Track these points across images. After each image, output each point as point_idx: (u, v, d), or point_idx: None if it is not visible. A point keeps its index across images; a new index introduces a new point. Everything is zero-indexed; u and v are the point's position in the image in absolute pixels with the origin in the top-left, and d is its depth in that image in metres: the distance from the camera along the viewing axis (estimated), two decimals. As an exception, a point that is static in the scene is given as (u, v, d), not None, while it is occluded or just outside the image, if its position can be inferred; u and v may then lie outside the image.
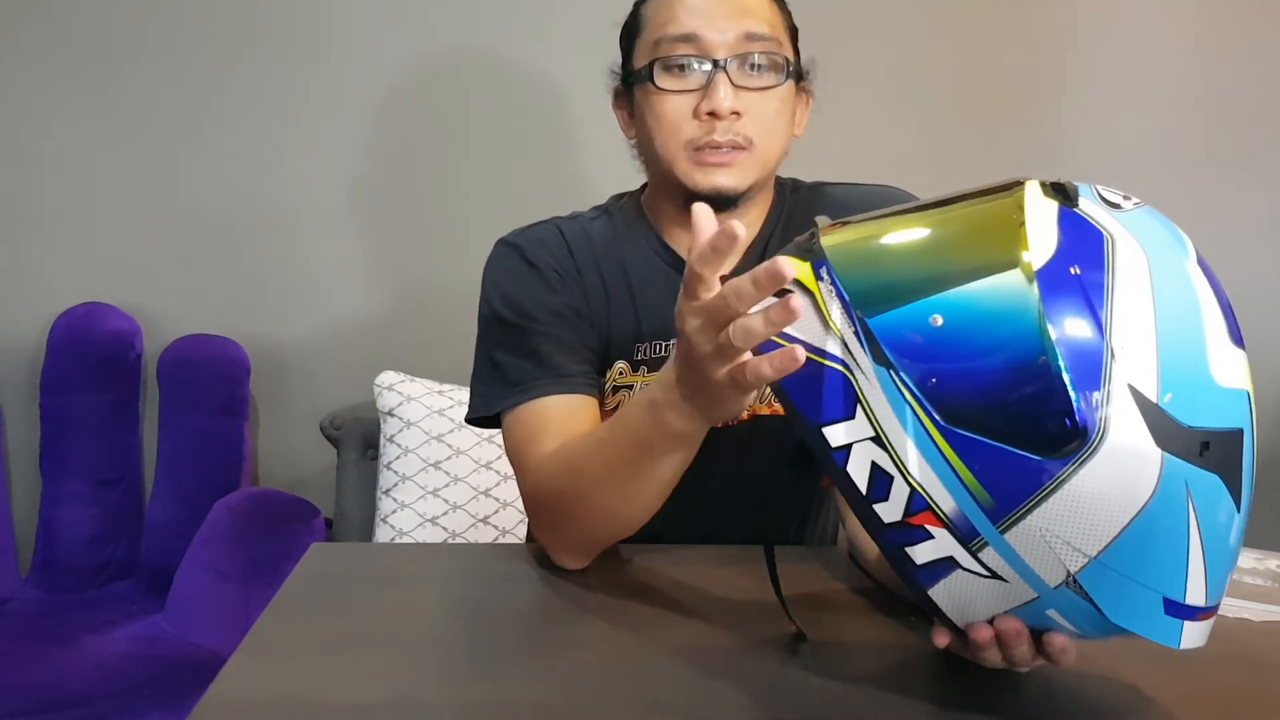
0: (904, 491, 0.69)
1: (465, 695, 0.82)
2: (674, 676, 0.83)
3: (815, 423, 0.72)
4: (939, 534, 0.69)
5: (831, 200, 1.21)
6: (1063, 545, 0.67)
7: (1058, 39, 2.15)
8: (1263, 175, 2.18)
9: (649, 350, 1.17)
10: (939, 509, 0.69)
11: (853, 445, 0.71)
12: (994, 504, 0.67)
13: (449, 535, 1.89)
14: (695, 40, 1.09)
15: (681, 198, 1.14)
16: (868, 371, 0.71)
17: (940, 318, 0.69)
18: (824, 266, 0.74)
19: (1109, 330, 0.67)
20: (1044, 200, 0.72)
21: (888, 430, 0.70)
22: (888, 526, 0.71)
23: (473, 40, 2.12)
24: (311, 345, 2.20)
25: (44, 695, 1.68)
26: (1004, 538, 0.68)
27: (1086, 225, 0.71)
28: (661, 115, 1.11)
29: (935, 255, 0.74)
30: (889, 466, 0.70)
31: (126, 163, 2.15)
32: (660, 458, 0.92)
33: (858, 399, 0.71)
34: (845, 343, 0.72)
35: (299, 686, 0.81)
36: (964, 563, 0.69)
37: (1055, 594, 0.69)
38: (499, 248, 1.19)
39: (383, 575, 1.07)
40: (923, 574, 0.71)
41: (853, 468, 0.71)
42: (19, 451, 2.19)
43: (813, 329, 0.73)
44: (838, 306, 0.73)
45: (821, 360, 0.72)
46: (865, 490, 0.71)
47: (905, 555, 0.71)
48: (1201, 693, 0.82)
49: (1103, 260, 0.69)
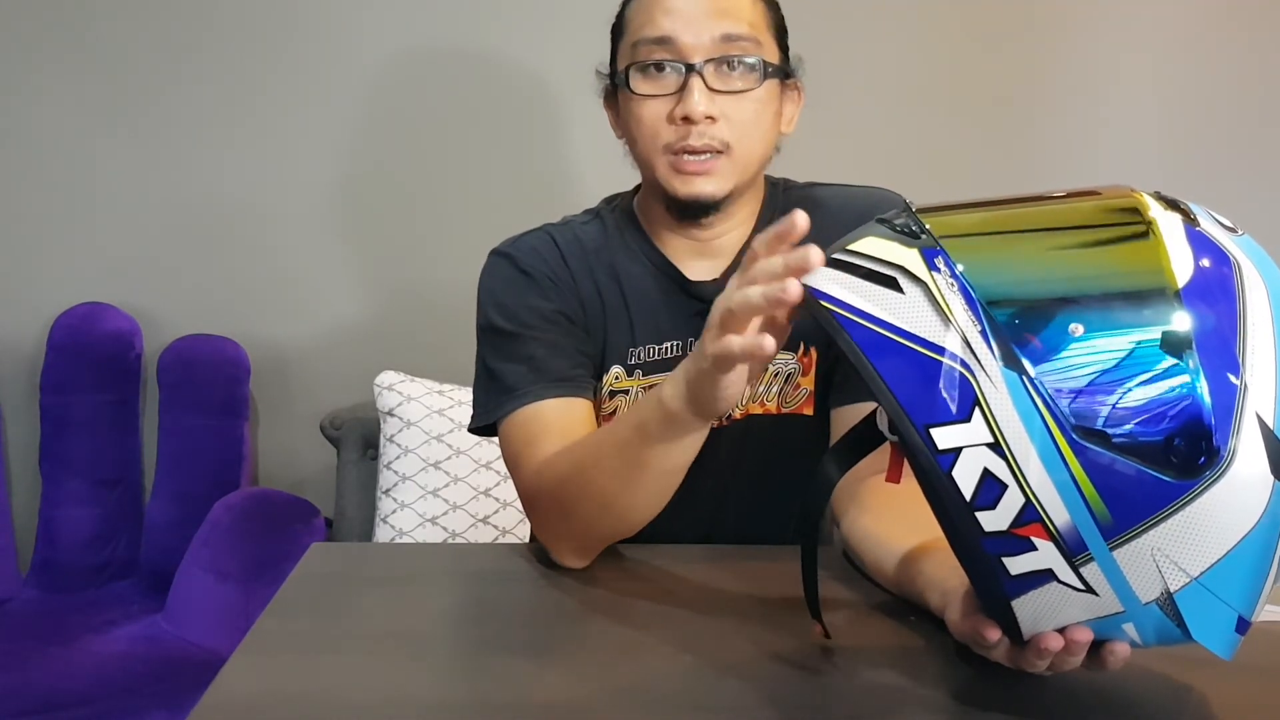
0: (1016, 502, 0.66)
1: (465, 695, 0.82)
2: (675, 676, 0.83)
3: (923, 422, 0.67)
4: (1044, 546, 0.66)
5: (823, 201, 1.21)
6: (1169, 565, 0.66)
7: (1056, 38, 2.15)
8: (1263, 175, 2.18)
9: (643, 354, 1.17)
10: (1050, 522, 0.66)
11: (963, 449, 0.66)
12: (1112, 521, 0.65)
13: (449, 535, 1.89)
14: (670, 43, 1.09)
15: (665, 202, 1.14)
16: (993, 374, 0.66)
17: (1081, 326, 0.66)
18: (939, 256, 0.70)
19: (1243, 358, 0.66)
20: (1168, 214, 0.71)
21: (1010, 438, 0.66)
22: (987, 535, 0.67)
23: (481, 36, 2.12)
24: (311, 345, 2.20)
25: (44, 695, 1.68)
26: (1112, 555, 0.66)
27: (1214, 248, 0.70)
28: (639, 120, 1.11)
29: (1068, 259, 0.70)
30: (1004, 475, 0.66)
31: (127, 163, 2.14)
32: (659, 444, 0.93)
33: (976, 402, 0.66)
34: (967, 341, 0.67)
35: (299, 686, 0.81)
36: (1062, 576, 0.67)
37: (1143, 610, 0.68)
38: (492, 258, 1.19)
39: (383, 575, 1.07)
40: (1012, 584, 0.68)
41: (959, 473, 0.67)
42: (19, 451, 2.19)
43: (928, 322, 0.68)
44: (960, 301, 0.68)
45: (936, 356, 0.68)
46: (970, 497, 0.67)
47: (999, 565, 0.68)
48: (1201, 692, 0.82)
49: (1233, 287, 0.68)
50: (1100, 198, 0.74)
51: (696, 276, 1.17)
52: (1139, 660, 0.84)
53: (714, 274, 1.17)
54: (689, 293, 1.17)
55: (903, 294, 0.70)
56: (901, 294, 0.70)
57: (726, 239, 1.17)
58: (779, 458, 1.17)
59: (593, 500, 1.00)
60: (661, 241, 1.19)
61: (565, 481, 1.02)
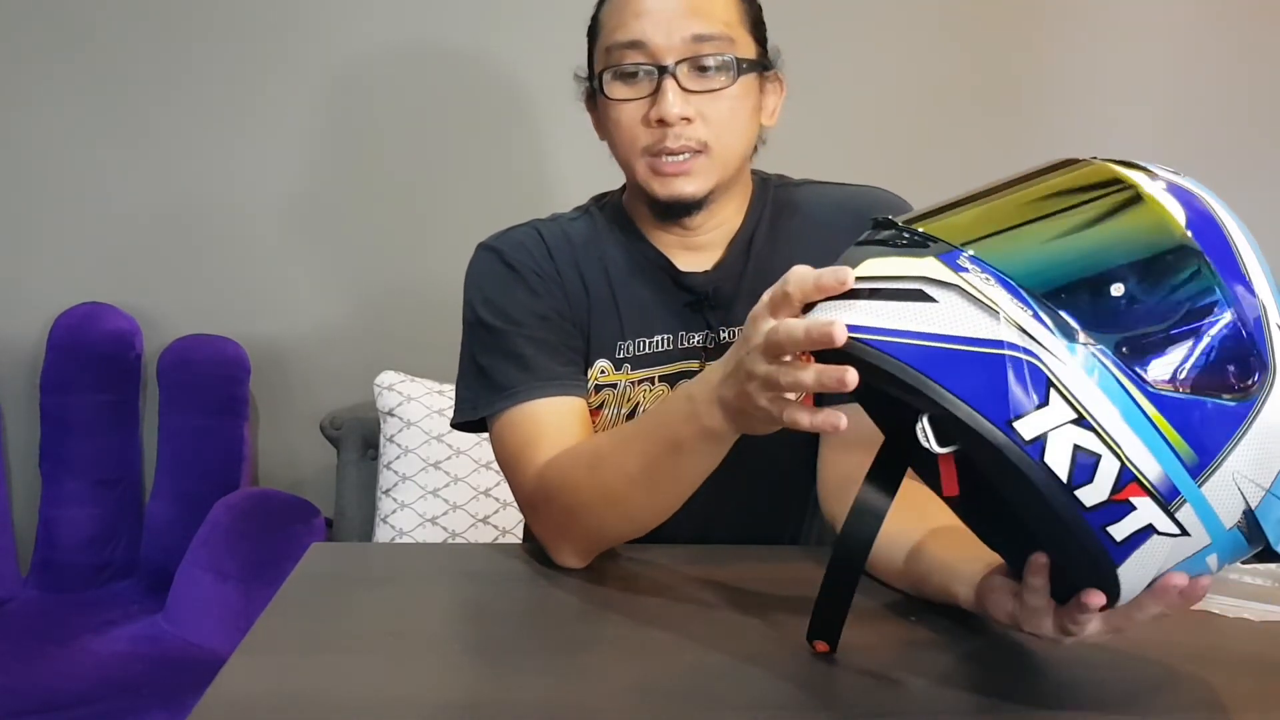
0: (1113, 468, 0.67)
1: (465, 695, 0.82)
2: (675, 675, 0.83)
3: (1004, 421, 0.67)
4: (1142, 504, 0.67)
5: (815, 200, 1.21)
6: (1247, 483, 0.68)
7: (1055, 37, 2.15)
8: (1263, 175, 2.18)
9: (631, 349, 1.17)
10: (1145, 478, 0.67)
11: (1049, 434, 0.66)
12: (1197, 459, 0.67)
13: (449, 535, 1.89)
14: (643, 46, 1.09)
15: (648, 202, 1.14)
16: (1059, 352, 0.67)
17: (1121, 285, 0.69)
18: (961, 255, 0.70)
19: (1249, 277, 0.71)
20: (1137, 174, 0.75)
21: (1092, 409, 0.66)
22: (1090, 510, 0.67)
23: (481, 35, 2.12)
24: (311, 345, 2.20)
25: (44, 695, 1.68)
26: (1201, 491, 0.68)
27: (1183, 191, 0.74)
28: (616, 124, 1.11)
29: (1083, 240, 0.72)
30: (1095, 445, 0.66)
31: (127, 163, 2.14)
32: (689, 455, 0.93)
33: (1049, 383, 0.67)
34: (1022, 328, 0.67)
35: (299, 686, 0.81)
36: (1161, 527, 0.68)
37: (1227, 535, 0.70)
38: (478, 252, 1.19)
39: (383, 575, 1.07)
40: (1118, 551, 0.69)
41: (1051, 457, 0.67)
42: (19, 451, 2.19)
43: (974, 321, 0.68)
44: (1002, 292, 0.68)
45: (996, 351, 0.68)
46: (1067, 478, 0.67)
47: (1105, 535, 0.68)
48: (1202, 692, 0.82)
49: (1215, 220, 0.72)
50: (1070, 174, 0.77)
51: (687, 268, 1.17)
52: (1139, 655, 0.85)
53: (705, 266, 1.17)
54: (680, 284, 1.17)
55: (936, 302, 0.69)
56: (935, 302, 0.69)
57: (715, 233, 1.17)
58: (775, 455, 1.16)
59: (609, 504, 0.99)
60: (650, 236, 1.19)
61: (579, 482, 1.01)
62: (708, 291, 1.16)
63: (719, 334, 1.15)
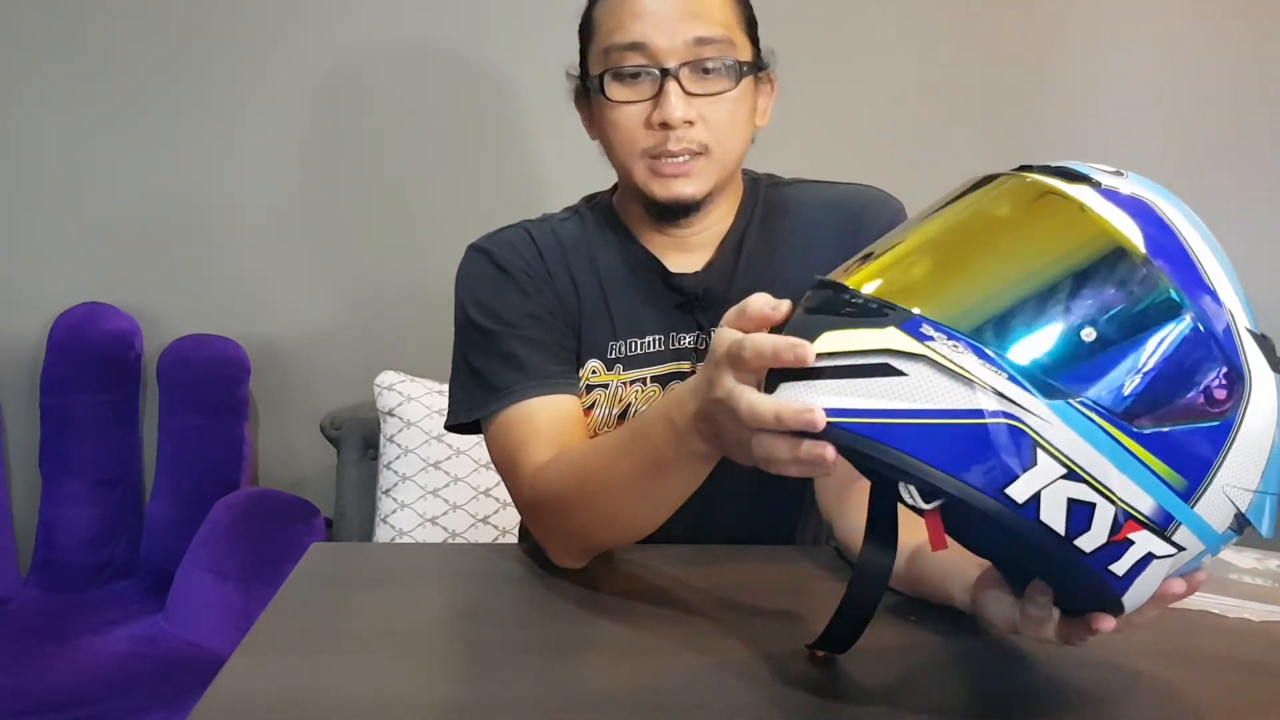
0: (1108, 513, 0.66)
1: (465, 695, 0.82)
2: (674, 675, 0.83)
3: (997, 489, 0.64)
4: (1139, 537, 0.67)
5: (805, 200, 1.20)
6: (1236, 491, 0.68)
7: (1055, 37, 2.15)
8: (1262, 175, 2.18)
9: (623, 349, 1.17)
10: (1140, 515, 0.66)
11: (1041, 492, 0.65)
12: (1187, 484, 0.67)
13: (449, 535, 1.89)
14: (644, 48, 1.08)
15: (644, 204, 1.14)
16: (1039, 410, 0.64)
17: (1091, 330, 0.66)
18: (923, 324, 0.66)
19: (1213, 286, 0.69)
20: (1075, 186, 0.72)
21: (1080, 460, 0.65)
22: (1090, 554, 0.66)
23: (479, 34, 2.13)
24: (311, 345, 2.20)
25: (44, 695, 1.68)
26: (1194, 511, 0.68)
27: (1132, 201, 0.71)
28: (616, 126, 1.11)
29: (1031, 270, 0.69)
30: (1088, 496, 0.65)
31: (127, 163, 2.15)
32: (676, 474, 0.91)
33: (1035, 444, 0.64)
34: (999, 392, 0.64)
35: (299, 686, 0.81)
36: (1159, 552, 0.68)
37: (1220, 538, 0.70)
38: (469, 253, 1.19)
39: (383, 575, 1.07)
40: (1120, 583, 0.68)
41: (1046, 514, 0.65)
42: (19, 451, 2.19)
43: (949, 391, 0.65)
44: (972, 358, 0.65)
45: (977, 421, 0.65)
46: (1064, 531, 0.65)
47: (1108, 573, 0.68)
48: (1202, 692, 0.82)
49: (1169, 226, 0.70)
50: (995, 192, 0.74)
51: (677, 269, 1.17)
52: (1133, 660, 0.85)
53: (695, 267, 1.17)
54: (670, 285, 1.17)
55: (906, 375, 0.65)
56: (905, 376, 0.65)
57: (706, 234, 1.17)
58: None
59: (599, 512, 0.99)
60: (641, 237, 1.19)
61: (568, 492, 1.01)
62: (698, 292, 1.16)
63: (710, 335, 1.15)
